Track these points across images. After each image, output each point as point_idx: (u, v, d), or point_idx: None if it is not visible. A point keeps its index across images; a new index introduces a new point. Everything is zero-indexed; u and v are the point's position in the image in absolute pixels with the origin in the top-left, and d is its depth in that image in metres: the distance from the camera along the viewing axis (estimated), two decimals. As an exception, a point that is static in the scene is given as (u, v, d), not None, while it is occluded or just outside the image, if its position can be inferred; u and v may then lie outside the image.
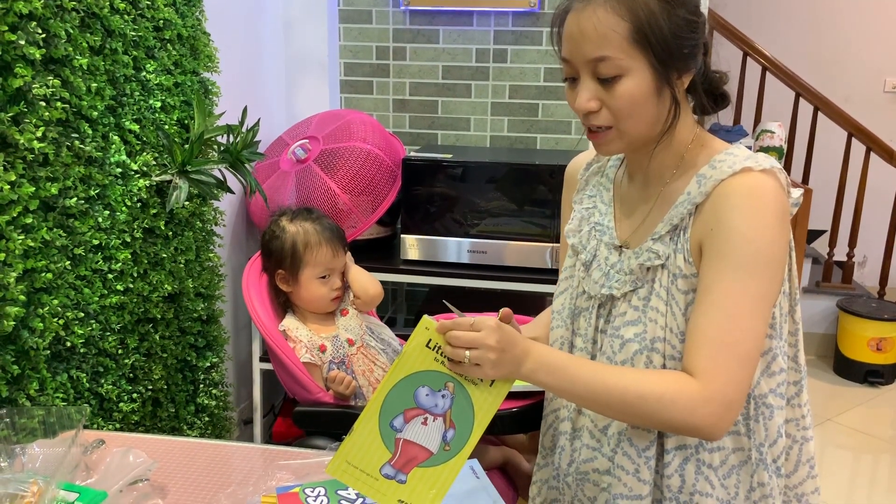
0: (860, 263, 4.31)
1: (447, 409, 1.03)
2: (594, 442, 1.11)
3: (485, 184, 2.35)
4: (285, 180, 2.40)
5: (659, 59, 0.97)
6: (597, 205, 1.18)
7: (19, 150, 1.33)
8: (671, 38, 0.97)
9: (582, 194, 1.22)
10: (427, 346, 1.03)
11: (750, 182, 0.98)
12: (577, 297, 1.16)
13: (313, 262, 1.77)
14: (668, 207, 1.06)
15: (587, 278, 1.14)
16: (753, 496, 1.05)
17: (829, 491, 2.74)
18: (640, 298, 1.06)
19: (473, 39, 2.81)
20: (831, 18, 4.52)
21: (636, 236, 1.10)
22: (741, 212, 0.97)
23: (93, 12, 1.50)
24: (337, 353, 1.77)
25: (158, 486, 1.21)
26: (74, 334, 1.50)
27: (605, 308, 1.11)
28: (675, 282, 1.03)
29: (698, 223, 1.01)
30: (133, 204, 1.66)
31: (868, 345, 3.60)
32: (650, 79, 0.98)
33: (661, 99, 1.00)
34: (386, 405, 1.03)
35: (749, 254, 0.96)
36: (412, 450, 1.03)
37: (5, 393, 1.34)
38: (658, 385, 0.98)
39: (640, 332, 1.05)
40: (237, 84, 2.36)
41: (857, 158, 3.79)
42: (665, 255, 1.04)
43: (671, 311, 1.03)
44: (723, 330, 0.96)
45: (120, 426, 1.67)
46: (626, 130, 1.01)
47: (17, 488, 1.07)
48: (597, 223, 1.16)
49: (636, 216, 1.12)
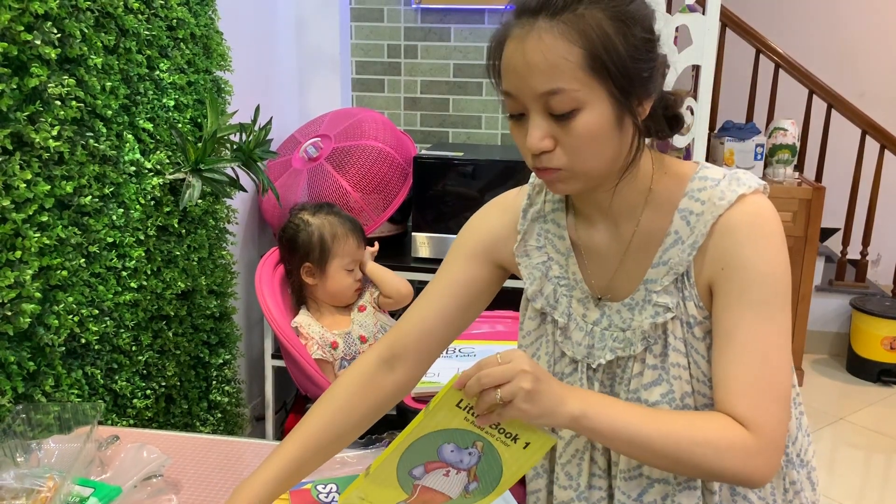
0: (874, 262, 4.27)
1: (472, 465, 0.95)
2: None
3: (495, 181, 2.35)
4: (297, 178, 2.41)
5: (618, 87, 0.85)
6: (551, 256, 1.04)
7: (35, 148, 1.34)
8: (630, 62, 0.85)
9: (525, 246, 1.06)
10: (458, 406, 0.89)
11: (750, 210, 0.91)
12: (556, 363, 1.04)
13: (342, 253, 1.80)
14: (651, 249, 0.97)
15: (566, 342, 1.03)
16: (788, 496, 1.04)
17: (841, 490, 2.72)
18: (655, 356, 0.97)
19: (485, 37, 2.80)
20: (845, 15, 4.49)
21: (617, 286, 1.00)
22: (753, 247, 0.91)
23: (107, 12, 1.51)
24: (349, 350, 1.78)
25: (172, 482, 1.22)
26: (89, 331, 1.52)
27: (601, 371, 1.01)
28: (692, 330, 0.96)
29: (705, 265, 0.93)
30: (147, 202, 1.67)
31: (882, 344, 3.58)
32: (610, 110, 0.86)
33: (623, 131, 0.89)
34: (406, 456, 0.94)
35: (769, 289, 0.91)
36: (430, 494, 0.97)
37: (21, 389, 1.35)
38: (712, 433, 0.90)
39: (665, 391, 0.96)
40: (250, 83, 2.37)
41: (871, 156, 3.77)
42: (674, 306, 0.95)
43: (693, 361, 0.96)
44: (759, 375, 0.90)
45: (134, 422, 1.68)
46: (581, 170, 0.89)
47: (33, 483, 1.08)
48: (559, 277, 1.03)
49: (608, 263, 1.01)
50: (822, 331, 3.87)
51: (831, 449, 3.05)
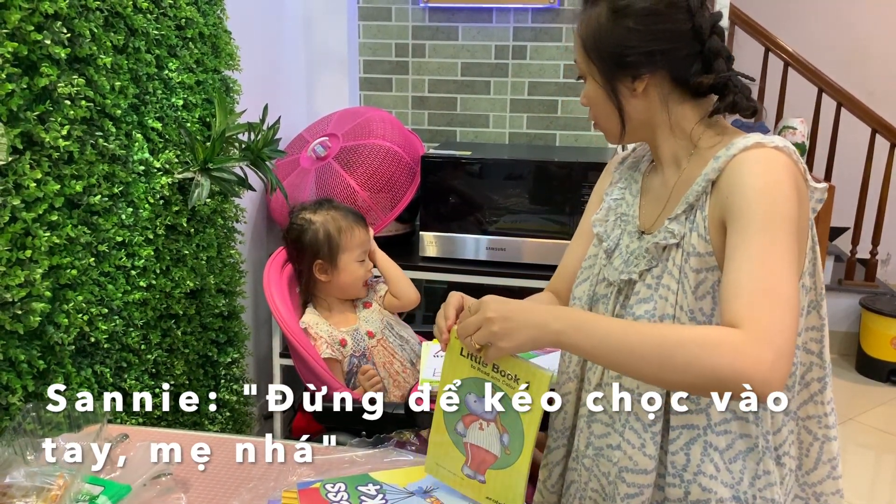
0: (883, 261, 4.25)
1: (496, 414, 1.03)
2: (608, 418, 1.12)
3: (503, 181, 2.34)
4: (305, 177, 2.41)
5: (602, 69, 1.07)
6: (625, 196, 1.21)
7: (45, 148, 1.34)
8: (614, 49, 1.05)
9: (614, 187, 1.24)
10: (461, 355, 1.04)
11: (761, 153, 1.00)
12: (597, 285, 1.17)
13: (351, 245, 1.80)
14: (686, 190, 1.07)
15: (608, 266, 1.15)
16: (758, 483, 1.05)
17: (851, 490, 2.71)
18: (653, 277, 1.08)
19: (493, 36, 2.80)
20: (855, 13, 4.46)
21: (657, 221, 1.12)
22: (753, 173, 0.98)
23: (116, 11, 1.52)
24: (357, 347, 1.78)
25: (181, 481, 1.22)
26: (98, 330, 1.52)
27: (623, 293, 1.12)
28: (688, 260, 1.03)
29: (715, 199, 1.02)
30: (156, 201, 1.68)
31: (891, 343, 3.56)
32: (600, 85, 1.09)
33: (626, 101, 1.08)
34: (446, 413, 1.07)
35: (768, 210, 0.95)
36: (480, 453, 1.06)
37: (31, 387, 1.36)
38: (698, 331, 0.94)
39: (650, 308, 1.06)
40: (258, 82, 2.38)
41: (881, 155, 3.74)
42: (680, 234, 1.05)
43: (682, 288, 1.03)
44: (758, 277, 0.93)
45: (142, 421, 1.69)
46: (601, 126, 1.14)
47: (43, 481, 1.09)
48: (623, 213, 1.19)
49: (657, 203, 1.14)
50: (831, 330, 3.81)
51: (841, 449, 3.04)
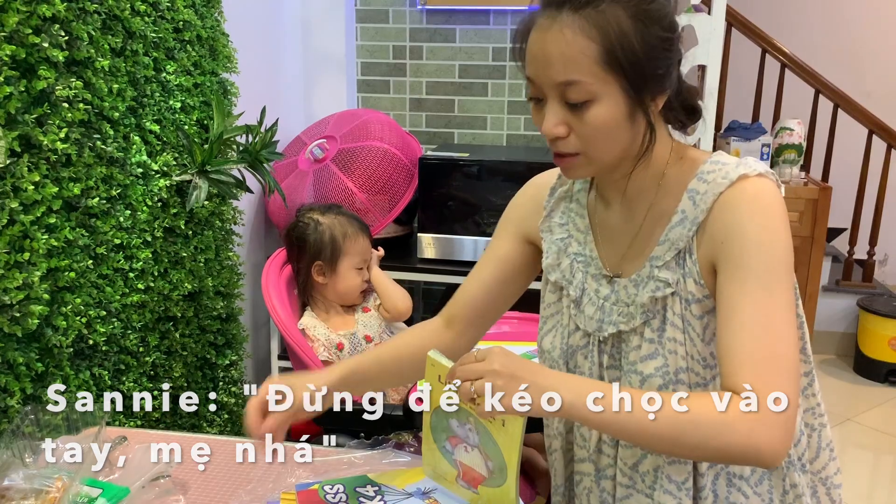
0: (881, 262, 4.26)
1: (478, 442, 0.99)
2: (627, 480, 1.05)
3: (501, 182, 2.35)
4: (303, 180, 2.42)
5: (632, 84, 0.90)
6: (571, 233, 1.10)
7: (43, 150, 1.34)
8: (644, 60, 0.90)
9: (549, 223, 1.12)
10: (439, 381, 0.96)
11: (750, 188, 0.94)
12: (570, 336, 1.08)
13: (352, 252, 1.81)
14: (659, 229, 1.00)
15: (580, 315, 1.06)
16: (787, 499, 1.04)
17: (850, 491, 2.71)
18: (653, 330, 1.00)
19: (490, 38, 2.81)
20: (851, 14, 4.47)
21: (628, 263, 1.04)
22: (751, 219, 0.92)
23: (114, 14, 1.52)
24: (354, 351, 1.79)
25: (180, 483, 1.22)
26: (97, 332, 1.52)
27: (608, 344, 1.04)
28: (689, 308, 0.98)
29: (705, 241, 0.96)
30: (154, 203, 1.68)
31: (889, 344, 3.57)
32: (622, 104, 0.91)
33: (635, 124, 0.94)
34: (434, 430, 1.04)
35: (769, 261, 0.91)
36: (470, 471, 1.03)
37: (30, 390, 1.36)
38: (712, 412, 0.87)
39: (660, 365, 0.99)
40: (256, 84, 2.38)
41: (877, 155, 3.75)
42: (674, 282, 0.98)
43: (689, 338, 0.98)
44: (763, 345, 0.89)
45: (141, 423, 1.69)
46: (595, 157, 0.95)
47: (42, 483, 1.09)
48: (577, 254, 1.09)
49: (621, 242, 1.05)
50: (829, 331, 3.85)
51: (839, 450, 3.02)
